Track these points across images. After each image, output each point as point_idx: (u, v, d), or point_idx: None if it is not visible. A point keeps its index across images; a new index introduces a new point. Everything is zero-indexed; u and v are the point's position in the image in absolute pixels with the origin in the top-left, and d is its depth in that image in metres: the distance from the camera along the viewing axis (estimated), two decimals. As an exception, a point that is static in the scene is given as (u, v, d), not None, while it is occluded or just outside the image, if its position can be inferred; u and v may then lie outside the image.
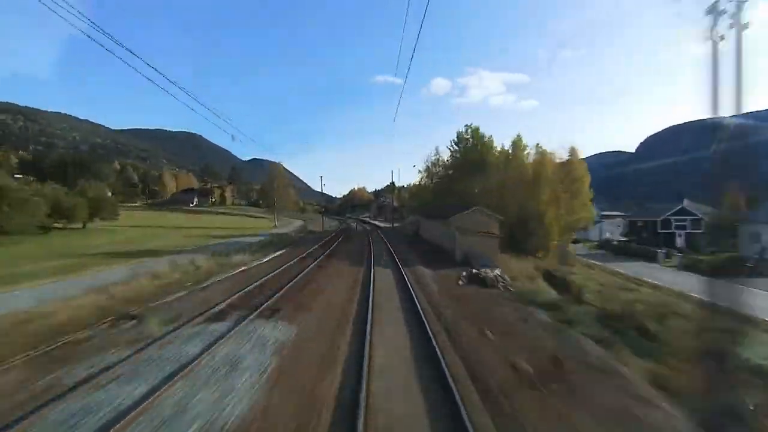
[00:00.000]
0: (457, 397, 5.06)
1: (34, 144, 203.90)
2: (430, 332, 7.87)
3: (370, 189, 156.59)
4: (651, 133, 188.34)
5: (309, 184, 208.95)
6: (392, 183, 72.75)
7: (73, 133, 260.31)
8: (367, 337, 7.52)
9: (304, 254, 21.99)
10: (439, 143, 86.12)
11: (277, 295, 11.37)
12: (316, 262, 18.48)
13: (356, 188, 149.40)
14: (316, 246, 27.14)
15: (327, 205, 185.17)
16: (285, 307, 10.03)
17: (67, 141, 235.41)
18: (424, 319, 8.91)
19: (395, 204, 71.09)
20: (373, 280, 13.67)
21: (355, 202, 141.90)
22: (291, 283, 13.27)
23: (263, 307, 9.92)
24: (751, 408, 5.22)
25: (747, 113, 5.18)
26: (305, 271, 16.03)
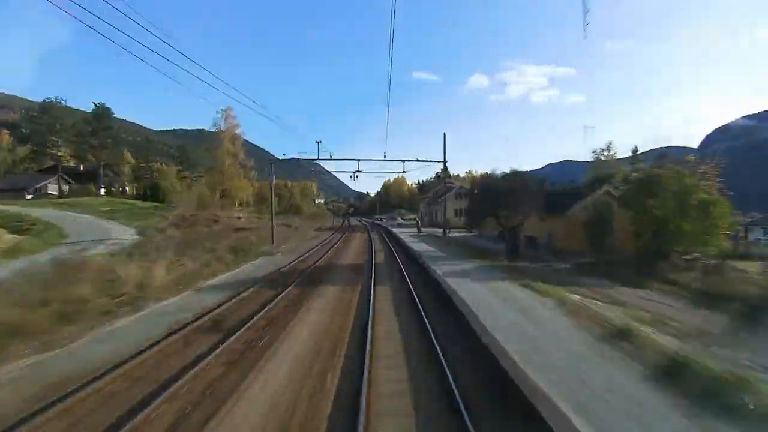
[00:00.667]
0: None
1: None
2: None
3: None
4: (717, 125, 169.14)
5: (344, 182, 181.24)
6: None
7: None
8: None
9: None
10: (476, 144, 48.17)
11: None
12: None
13: (391, 180, 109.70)
14: None
15: (355, 203, 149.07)
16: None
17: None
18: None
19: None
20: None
21: (390, 198, 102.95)
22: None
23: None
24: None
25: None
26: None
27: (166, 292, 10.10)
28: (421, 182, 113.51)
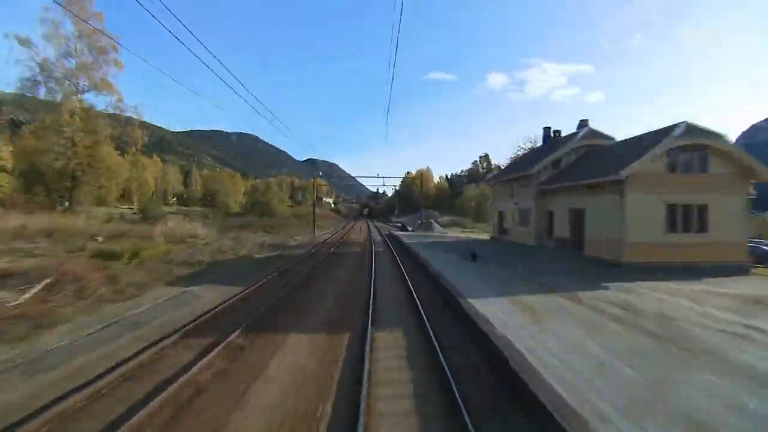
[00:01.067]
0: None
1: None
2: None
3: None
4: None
5: (362, 182, 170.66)
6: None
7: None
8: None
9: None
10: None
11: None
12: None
13: (413, 173, 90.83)
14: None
15: (370, 203, 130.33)
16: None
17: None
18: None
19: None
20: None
21: (413, 196, 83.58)
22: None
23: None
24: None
25: None
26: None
27: None
28: (449, 176, 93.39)
